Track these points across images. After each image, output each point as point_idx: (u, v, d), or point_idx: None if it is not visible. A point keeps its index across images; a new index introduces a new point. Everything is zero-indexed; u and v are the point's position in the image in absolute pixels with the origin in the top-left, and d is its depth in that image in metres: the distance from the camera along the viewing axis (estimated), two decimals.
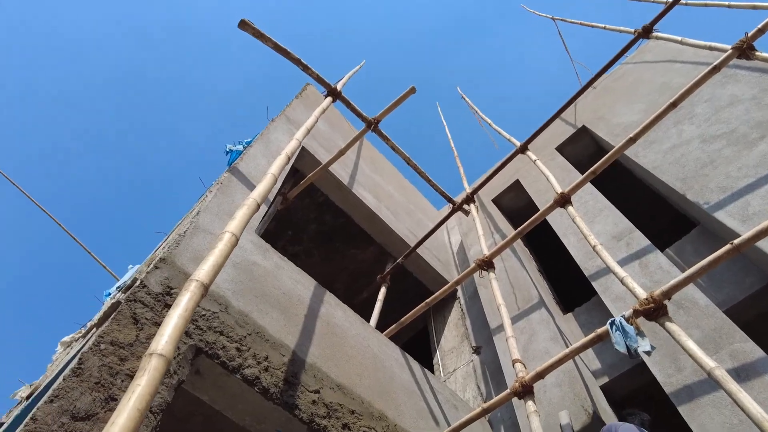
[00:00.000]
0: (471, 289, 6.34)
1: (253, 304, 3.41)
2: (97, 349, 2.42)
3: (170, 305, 2.89)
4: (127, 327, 2.61)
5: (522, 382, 3.23)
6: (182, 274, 3.08)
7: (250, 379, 2.98)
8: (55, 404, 2.14)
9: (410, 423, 3.88)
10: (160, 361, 1.51)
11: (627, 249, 4.64)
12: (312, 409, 3.19)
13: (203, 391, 2.97)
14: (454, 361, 5.91)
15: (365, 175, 6.95)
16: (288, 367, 3.25)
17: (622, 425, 3.17)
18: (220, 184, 4.14)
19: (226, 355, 2.94)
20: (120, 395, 2.36)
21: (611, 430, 3.20)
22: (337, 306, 4.25)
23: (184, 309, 1.73)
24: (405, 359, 4.54)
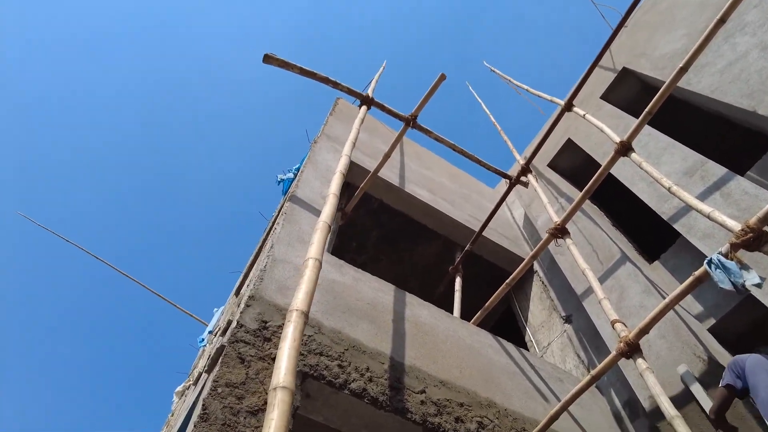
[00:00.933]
0: (547, 260, 6.21)
1: (342, 320, 3.51)
2: (216, 393, 2.57)
3: (268, 338, 3.03)
4: (236, 367, 2.76)
5: (626, 341, 3.14)
6: (273, 307, 3.22)
7: (357, 392, 3.07)
8: None
9: (519, 404, 3.86)
10: (285, 393, 1.60)
11: (703, 182, 4.39)
12: (422, 409, 3.24)
13: (317, 412, 3.08)
14: (547, 335, 5.81)
15: (414, 172, 6.97)
16: (390, 374, 3.32)
17: (751, 356, 3.02)
18: (284, 214, 4.28)
19: (330, 373, 3.05)
20: (245, 431, 2.50)
21: (738, 362, 3.05)
22: (420, 306, 4.29)
23: (293, 339, 1.82)
24: (499, 343, 4.52)
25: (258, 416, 2.58)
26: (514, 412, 3.72)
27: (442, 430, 3.21)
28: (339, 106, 7.43)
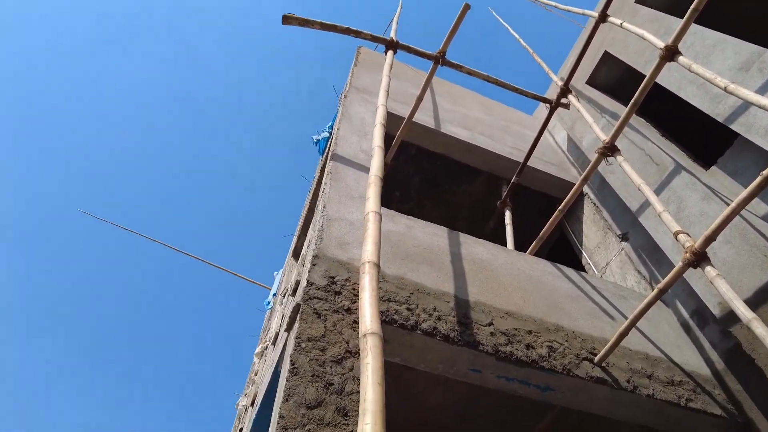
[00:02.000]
0: (597, 181, 6.09)
1: (403, 267, 3.61)
2: (300, 348, 2.75)
3: (338, 292, 3.17)
4: (314, 323, 2.92)
5: (692, 250, 3.11)
6: (337, 263, 3.35)
7: (429, 331, 3.20)
8: (291, 401, 2.49)
9: (586, 325, 3.93)
10: (374, 338, 1.70)
11: (761, 75, 4.13)
12: (492, 340, 3.36)
13: (394, 354, 3.25)
14: (604, 256, 5.78)
15: (448, 111, 6.85)
16: (456, 311, 3.44)
17: None
18: (329, 173, 4.35)
19: (401, 317, 3.18)
20: (334, 380, 2.68)
21: None
22: (475, 243, 4.34)
23: (371, 289, 1.91)
24: (558, 269, 4.55)
25: (342, 364, 2.75)
26: (582, 333, 3.80)
27: (514, 357, 3.33)
28: (362, 56, 7.29)
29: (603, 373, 3.56)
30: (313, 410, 2.50)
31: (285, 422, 2.39)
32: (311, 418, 2.45)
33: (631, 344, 3.87)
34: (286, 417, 2.41)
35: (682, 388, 3.77)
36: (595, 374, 3.52)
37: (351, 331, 2.93)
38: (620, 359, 3.71)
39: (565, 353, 3.54)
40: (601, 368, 3.58)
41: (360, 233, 3.41)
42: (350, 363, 2.77)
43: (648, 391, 3.58)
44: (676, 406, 3.61)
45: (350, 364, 2.77)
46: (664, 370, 3.85)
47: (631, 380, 3.59)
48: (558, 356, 3.49)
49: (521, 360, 3.33)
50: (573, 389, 3.55)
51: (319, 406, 2.52)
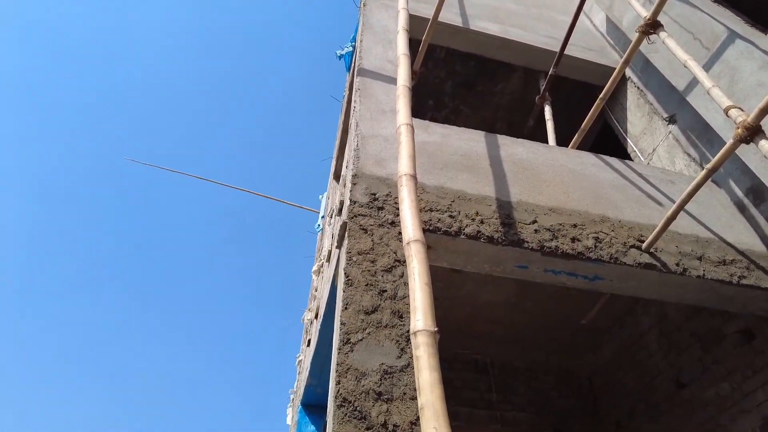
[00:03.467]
0: (640, 62, 5.71)
1: (442, 176, 3.65)
2: (352, 262, 2.92)
3: (381, 207, 3.27)
4: (361, 238, 3.06)
5: (745, 125, 2.96)
6: (376, 179, 3.42)
7: (472, 235, 3.29)
8: (350, 309, 2.69)
9: (633, 214, 3.90)
10: (417, 245, 1.79)
11: None
12: (537, 237, 3.42)
13: (441, 260, 3.39)
14: (650, 141, 5.56)
15: (474, 5, 6.45)
16: (499, 213, 3.49)
17: None
18: (358, 90, 4.30)
19: (444, 225, 3.28)
20: (386, 287, 2.85)
21: None
22: (513, 144, 4.28)
23: (410, 200, 1.98)
24: (601, 160, 4.45)
25: (392, 272, 2.91)
26: (628, 221, 3.79)
27: (560, 251, 3.40)
28: None
29: (651, 258, 3.59)
30: (371, 315, 2.70)
31: (347, 328, 2.61)
32: (370, 323, 2.66)
33: (681, 228, 3.83)
34: (347, 323, 2.62)
35: (734, 266, 3.76)
36: (643, 260, 3.55)
37: (397, 242, 3.06)
38: (669, 244, 3.70)
39: (611, 243, 3.57)
40: (650, 254, 3.61)
41: (395, 148, 3.44)
42: (399, 271, 2.92)
43: (698, 272, 3.60)
44: (728, 284, 3.63)
45: (400, 272, 2.92)
46: (715, 250, 3.83)
47: (680, 263, 3.61)
48: (604, 246, 3.53)
49: (567, 253, 3.40)
50: (621, 277, 3.62)
51: (375, 311, 2.72)
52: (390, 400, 2.40)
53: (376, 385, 2.43)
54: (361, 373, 2.46)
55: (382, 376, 2.47)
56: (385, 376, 2.48)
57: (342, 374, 2.43)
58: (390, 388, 2.44)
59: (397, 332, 2.66)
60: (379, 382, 2.45)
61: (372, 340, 2.59)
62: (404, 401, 2.42)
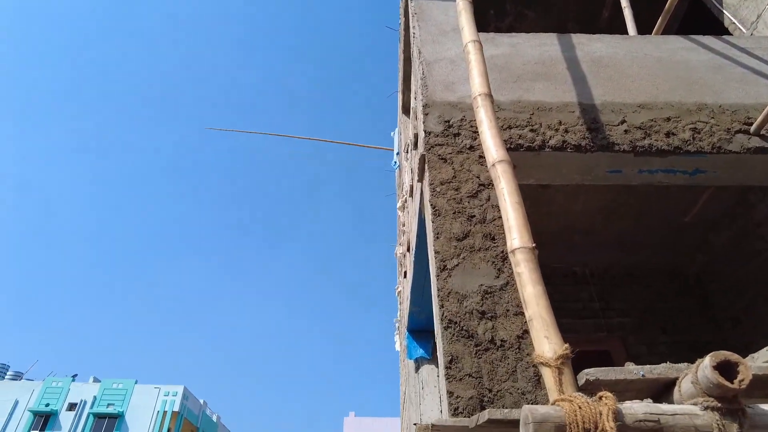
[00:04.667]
0: None
1: (517, 89, 3.50)
2: (437, 193, 2.95)
3: (457, 134, 3.23)
4: (442, 167, 3.07)
5: None
6: (448, 105, 3.36)
7: (558, 146, 3.17)
8: (441, 238, 2.76)
9: (736, 95, 3.53)
10: (503, 165, 1.78)
11: None
12: (627, 137, 3.23)
13: (527, 177, 3.32)
14: (753, 8, 4.88)
15: None
16: (583, 118, 3.31)
17: None
18: (414, 15, 4.15)
19: (525, 140, 3.18)
20: (474, 212, 2.87)
21: None
22: (590, 41, 3.96)
23: (489, 120, 1.95)
24: (692, 41, 4.01)
25: (478, 197, 2.92)
26: (731, 105, 3.44)
27: (654, 149, 3.19)
28: None
29: (763, 141, 3.27)
30: (462, 241, 2.76)
31: (441, 256, 2.70)
32: (463, 248, 2.72)
33: None
34: (441, 251, 2.71)
35: None
36: (753, 145, 3.25)
37: (479, 166, 3.03)
38: None
39: (712, 131, 3.29)
40: (760, 137, 3.28)
41: (463, 69, 3.33)
42: (485, 194, 2.92)
43: None
44: None
45: (486, 195, 2.92)
46: None
47: None
48: (704, 136, 3.26)
49: (662, 150, 3.19)
50: (727, 166, 3.35)
51: (466, 237, 2.77)
52: (494, 318, 2.49)
53: (479, 305, 2.52)
54: (462, 295, 2.55)
55: (482, 297, 2.55)
56: (486, 296, 2.55)
57: (444, 298, 2.54)
58: (492, 306, 2.52)
59: (492, 254, 2.70)
60: (480, 302, 2.53)
61: (468, 264, 2.66)
62: (508, 317, 2.50)
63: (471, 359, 2.36)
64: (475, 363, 2.35)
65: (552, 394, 1.34)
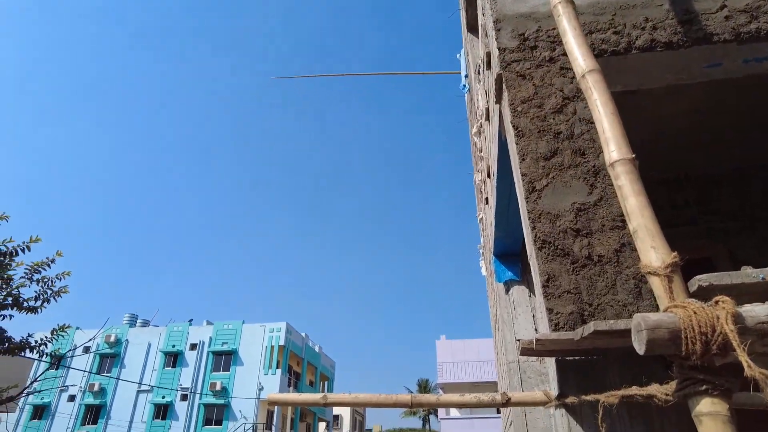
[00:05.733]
0: None
1: None
2: (518, 113, 2.87)
3: (534, 46, 3.07)
4: (521, 85, 2.95)
5: None
6: (520, 17, 3.17)
7: (645, 46, 2.93)
8: (528, 159, 2.71)
9: None
10: (593, 74, 1.70)
11: None
12: (729, 24, 2.90)
13: (613, 83, 3.10)
14: None
15: None
16: (674, 11, 3.01)
17: None
18: None
19: (609, 44, 2.96)
20: (560, 128, 2.77)
21: None
22: None
23: (572, 27, 1.84)
24: None
25: (563, 111, 2.80)
26: None
27: (763, 33, 2.85)
28: None
29: None
30: (551, 160, 2.69)
31: (529, 178, 2.66)
32: (551, 167, 2.66)
33: None
34: (528, 173, 2.67)
35: None
36: None
37: (561, 78, 2.89)
38: None
39: None
40: None
41: None
42: (571, 108, 2.79)
43: None
44: None
45: (571, 109, 2.79)
46: None
47: None
48: None
49: None
50: None
51: (554, 155, 2.70)
52: (589, 234, 2.46)
53: (572, 224, 2.50)
54: (554, 215, 2.53)
55: (576, 214, 2.52)
56: (580, 213, 2.51)
57: (535, 220, 2.54)
58: (587, 223, 2.49)
59: (583, 170, 2.63)
60: (574, 220, 2.50)
61: (558, 183, 2.61)
62: (604, 233, 2.46)
63: (568, 276, 2.38)
64: (572, 280, 2.37)
65: (663, 302, 1.35)
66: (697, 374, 1.16)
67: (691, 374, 1.18)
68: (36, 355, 12.15)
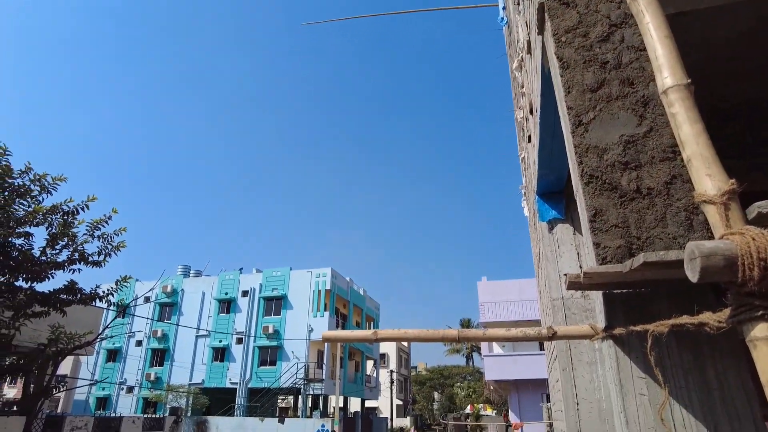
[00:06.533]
0: None
1: None
2: (562, 43, 2.74)
3: None
4: (564, 12, 2.80)
5: None
6: None
7: None
8: (573, 92, 2.62)
9: None
10: None
11: None
12: None
13: (666, 5, 2.91)
14: None
15: None
16: None
17: None
18: None
19: None
20: (606, 57, 2.64)
21: None
22: None
23: None
24: None
25: (610, 40, 2.66)
26: None
27: None
28: None
29: None
30: (597, 92, 2.59)
31: (575, 111, 2.58)
32: (598, 99, 2.57)
33: None
34: (574, 106, 2.59)
35: None
36: None
37: (607, 3, 2.72)
38: None
39: None
40: None
41: None
42: (618, 35, 2.65)
43: None
44: None
45: (619, 36, 2.65)
46: None
47: None
48: None
49: None
50: None
51: (601, 86, 2.59)
52: (638, 167, 2.40)
53: (620, 157, 2.43)
54: (601, 149, 2.47)
55: (624, 147, 2.44)
56: (628, 145, 2.44)
57: (582, 155, 2.48)
58: (636, 155, 2.42)
59: (632, 100, 2.52)
60: (622, 153, 2.43)
61: (605, 116, 2.53)
62: (654, 165, 2.39)
63: (616, 210, 2.35)
64: (620, 213, 2.34)
65: (718, 231, 1.32)
66: (754, 300, 1.16)
67: (746, 301, 1.18)
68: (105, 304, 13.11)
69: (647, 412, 1.96)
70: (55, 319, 12.16)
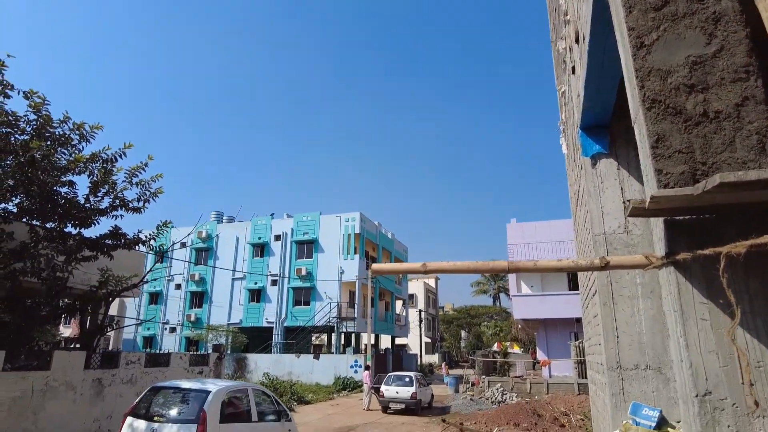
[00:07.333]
0: None
1: None
2: None
3: None
4: None
5: None
6: None
7: None
8: (635, 10, 2.46)
9: None
10: None
11: None
12: None
13: None
14: None
15: None
16: None
17: None
18: None
19: None
20: None
21: None
22: None
23: None
24: None
25: None
26: None
27: None
28: None
29: None
30: (661, 10, 2.43)
31: (636, 32, 2.44)
32: (663, 18, 2.41)
33: None
34: (636, 27, 2.44)
35: None
36: None
37: None
38: None
39: None
40: None
41: None
42: None
43: None
44: None
45: None
46: None
47: None
48: None
49: None
50: None
51: (666, 4, 2.43)
52: (705, 89, 2.28)
53: (686, 79, 2.31)
54: (665, 72, 2.35)
55: (690, 69, 2.32)
56: (695, 67, 2.31)
57: (644, 78, 2.37)
58: (703, 77, 2.29)
59: (700, 18, 2.36)
60: (688, 75, 2.31)
61: (670, 36, 2.38)
62: (723, 86, 2.26)
63: (680, 135, 2.26)
64: (684, 139, 2.25)
65: None
66: None
67: None
68: (146, 248, 13.64)
69: (709, 336, 1.97)
70: (102, 263, 12.77)
